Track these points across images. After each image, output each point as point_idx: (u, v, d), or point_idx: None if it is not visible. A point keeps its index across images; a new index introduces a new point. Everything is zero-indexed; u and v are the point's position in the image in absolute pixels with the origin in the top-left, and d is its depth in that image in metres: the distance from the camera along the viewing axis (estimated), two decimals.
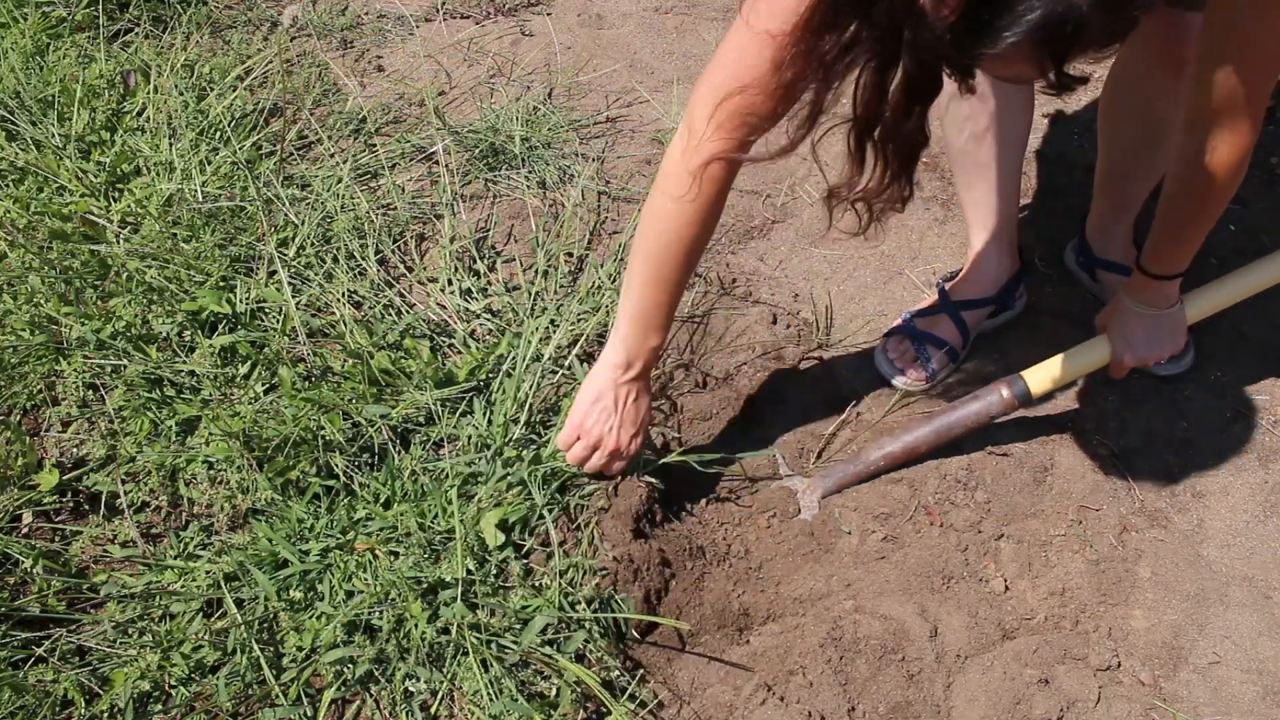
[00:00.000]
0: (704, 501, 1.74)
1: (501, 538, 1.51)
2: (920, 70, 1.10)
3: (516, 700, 1.39)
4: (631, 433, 1.58)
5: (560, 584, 1.49)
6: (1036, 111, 1.89)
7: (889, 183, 1.28)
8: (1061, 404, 1.88)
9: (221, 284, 1.89)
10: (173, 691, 1.43)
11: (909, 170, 1.28)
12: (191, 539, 1.60)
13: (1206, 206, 1.50)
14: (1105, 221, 1.98)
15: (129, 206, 2.03)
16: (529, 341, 1.77)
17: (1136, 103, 1.78)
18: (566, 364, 1.79)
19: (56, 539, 1.62)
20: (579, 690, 1.41)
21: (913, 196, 1.33)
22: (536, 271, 2.02)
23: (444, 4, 2.71)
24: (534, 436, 1.68)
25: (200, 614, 1.51)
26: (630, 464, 1.61)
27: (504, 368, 1.75)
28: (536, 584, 1.52)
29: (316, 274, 1.94)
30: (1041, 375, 1.71)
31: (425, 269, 2.03)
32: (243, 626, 1.45)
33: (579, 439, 1.57)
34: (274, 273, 1.91)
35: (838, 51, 1.11)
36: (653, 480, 1.64)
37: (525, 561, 1.53)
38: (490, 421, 1.68)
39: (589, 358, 1.88)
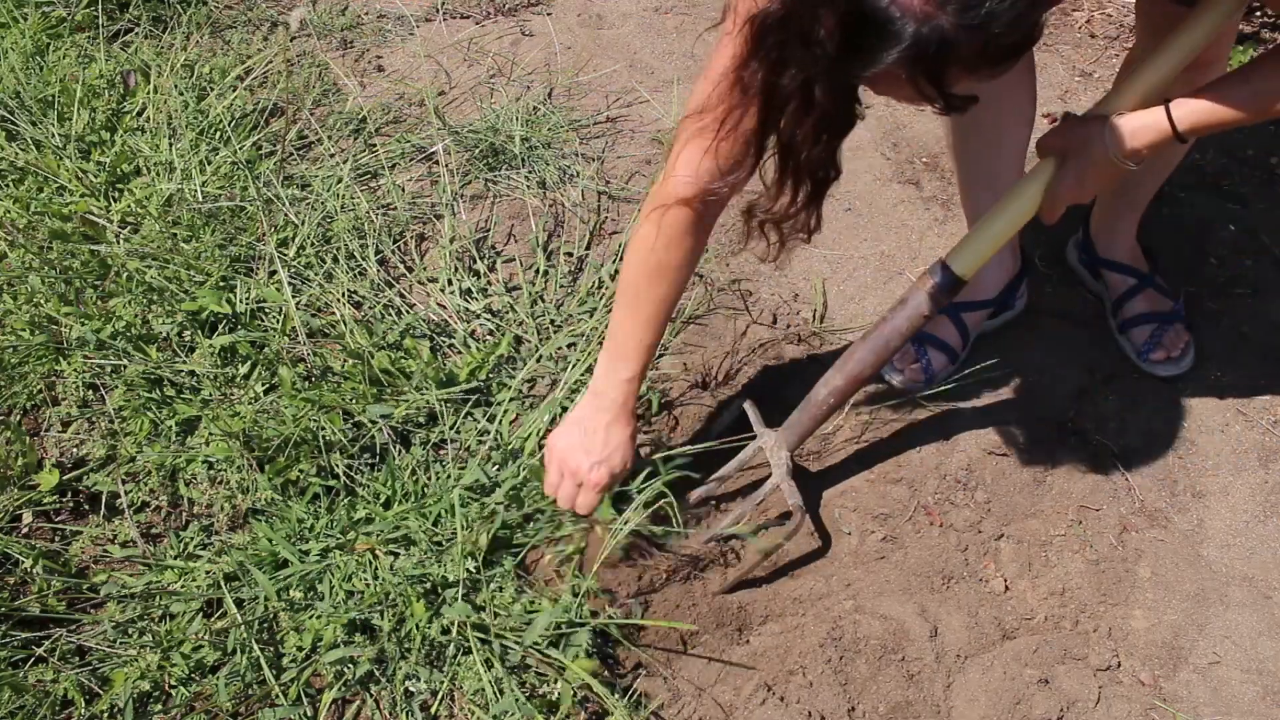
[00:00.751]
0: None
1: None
2: (828, 99, 1.13)
3: (518, 700, 1.39)
4: (595, 461, 1.49)
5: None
6: (1038, 111, 1.88)
7: (798, 210, 1.30)
8: (1061, 404, 1.88)
9: (221, 284, 1.89)
10: (173, 691, 1.43)
11: (816, 200, 1.31)
12: (191, 539, 1.60)
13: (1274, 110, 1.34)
14: (1111, 218, 1.98)
15: (129, 206, 2.03)
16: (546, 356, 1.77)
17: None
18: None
19: (56, 539, 1.62)
20: (580, 691, 1.41)
21: (819, 229, 1.35)
22: (536, 271, 2.02)
23: (444, 4, 2.71)
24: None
25: (200, 614, 1.51)
26: (600, 496, 1.52)
27: (520, 375, 1.74)
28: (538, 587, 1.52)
29: (316, 274, 1.94)
30: (965, 253, 1.51)
31: (425, 269, 2.03)
32: (243, 626, 1.45)
33: (554, 466, 1.53)
34: (274, 273, 1.91)
35: (760, 80, 1.15)
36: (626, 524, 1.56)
37: (525, 576, 1.54)
38: (498, 421, 1.68)
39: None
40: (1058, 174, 1.44)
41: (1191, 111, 1.36)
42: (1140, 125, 1.39)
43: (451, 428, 1.68)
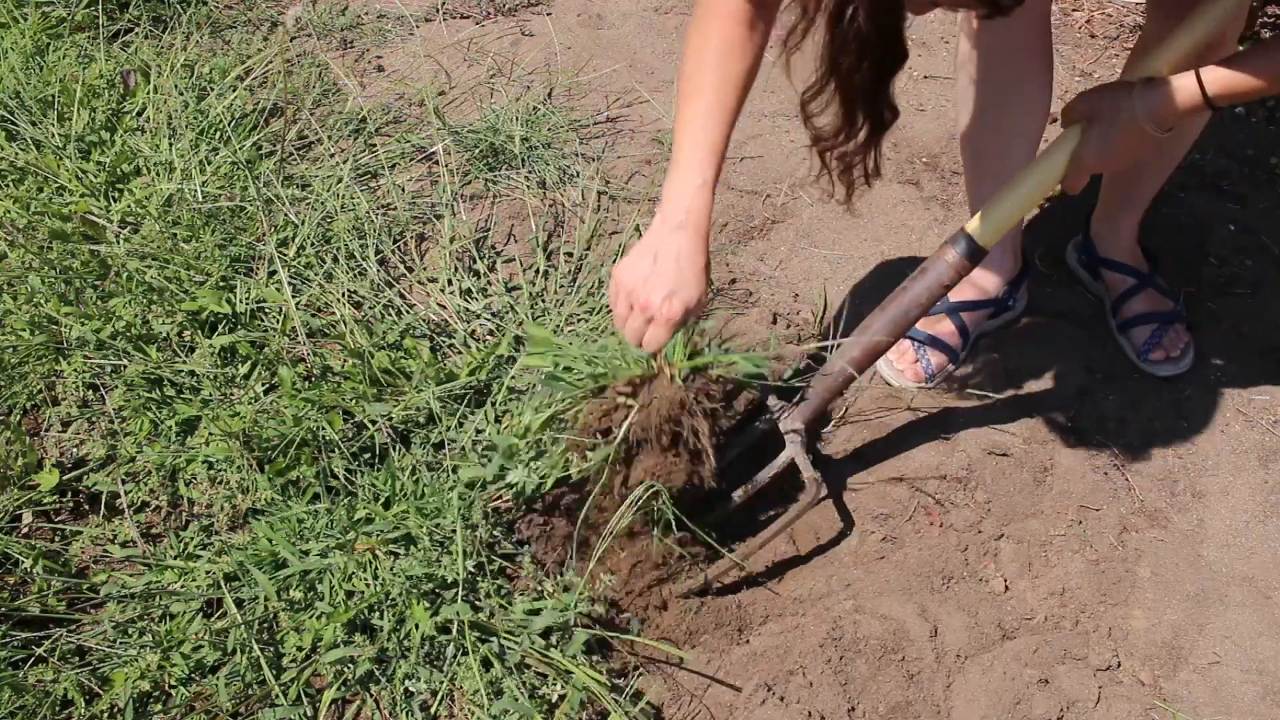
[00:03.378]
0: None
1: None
2: (871, 25, 1.12)
3: (517, 700, 1.39)
4: (664, 293, 1.34)
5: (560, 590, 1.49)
6: None
7: (857, 148, 1.29)
8: (1061, 404, 1.88)
9: (221, 284, 1.89)
10: (173, 691, 1.43)
11: (875, 140, 1.30)
12: (191, 539, 1.60)
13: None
14: (1112, 218, 1.97)
15: (129, 206, 2.03)
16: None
17: None
18: None
19: (56, 539, 1.62)
20: (581, 691, 1.41)
21: (879, 174, 1.33)
22: (536, 271, 2.02)
23: (444, 4, 2.71)
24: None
25: (200, 614, 1.51)
26: (672, 332, 1.37)
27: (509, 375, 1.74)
28: (539, 588, 1.52)
29: (316, 274, 1.94)
30: (987, 223, 1.46)
31: (425, 269, 2.03)
32: (243, 626, 1.45)
33: (622, 298, 1.39)
34: (274, 273, 1.91)
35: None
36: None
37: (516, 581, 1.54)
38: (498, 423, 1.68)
39: None
40: (1084, 140, 1.41)
41: (1221, 77, 1.32)
42: (1171, 90, 1.34)
43: (451, 428, 1.68)
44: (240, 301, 1.87)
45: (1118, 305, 1.98)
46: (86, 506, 1.67)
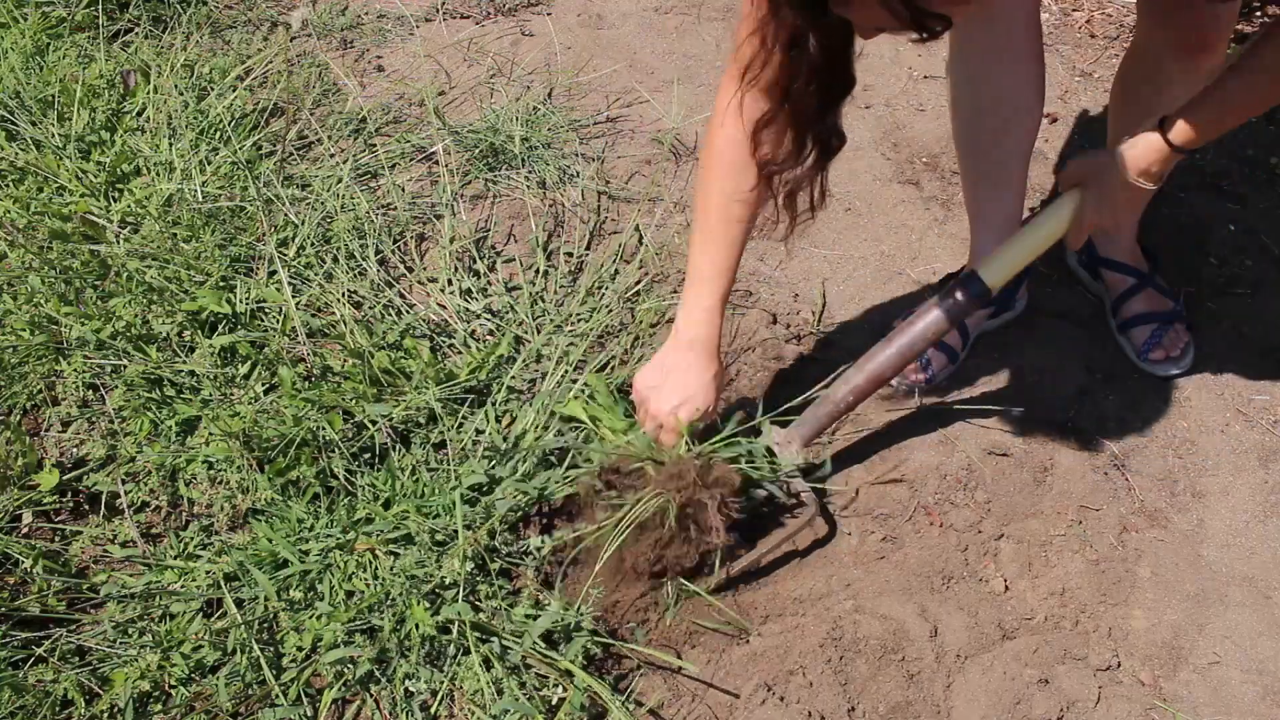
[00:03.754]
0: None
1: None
2: (820, 50, 1.17)
3: (518, 700, 1.38)
4: (673, 404, 1.50)
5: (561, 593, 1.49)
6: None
7: (804, 174, 1.34)
8: (1061, 404, 1.88)
9: (221, 284, 1.89)
10: (173, 691, 1.43)
11: (821, 166, 1.34)
12: (191, 539, 1.60)
13: (1266, 104, 1.42)
14: None
15: (129, 206, 2.03)
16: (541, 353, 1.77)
17: (1146, 90, 1.77)
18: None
19: (56, 539, 1.62)
20: (582, 692, 1.41)
21: (824, 204, 1.39)
22: (536, 271, 2.02)
23: (444, 4, 2.71)
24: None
25: (200, 614, 1.51)
26: (679, 438, 1.51)
27: (509, 374, 1.74)
28: (539, 590, 1.52)
29: (316, 274, 1.94)
30: (996, 265, 1.56)
31: (425, 269, 2.03)
32: (243, 626, 1.45)
33: (640, 406, 1.56)
34: (274, 273, 1.91)
35: (770, 31, 1.19)
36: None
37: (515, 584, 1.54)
38: (499, 421, 1.68)
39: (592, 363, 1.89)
40: (1083, 201, 1.52)
41: (1180, 128, 1.42)
42: (1141, 149, 1.46)
43: (451, 428, 1.68)
44: (240, 301, 1.87)
45: (1117, 305, 1.98)
46: (86, 506, 1.67)
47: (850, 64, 1.23)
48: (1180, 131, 1.43)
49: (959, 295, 1.55)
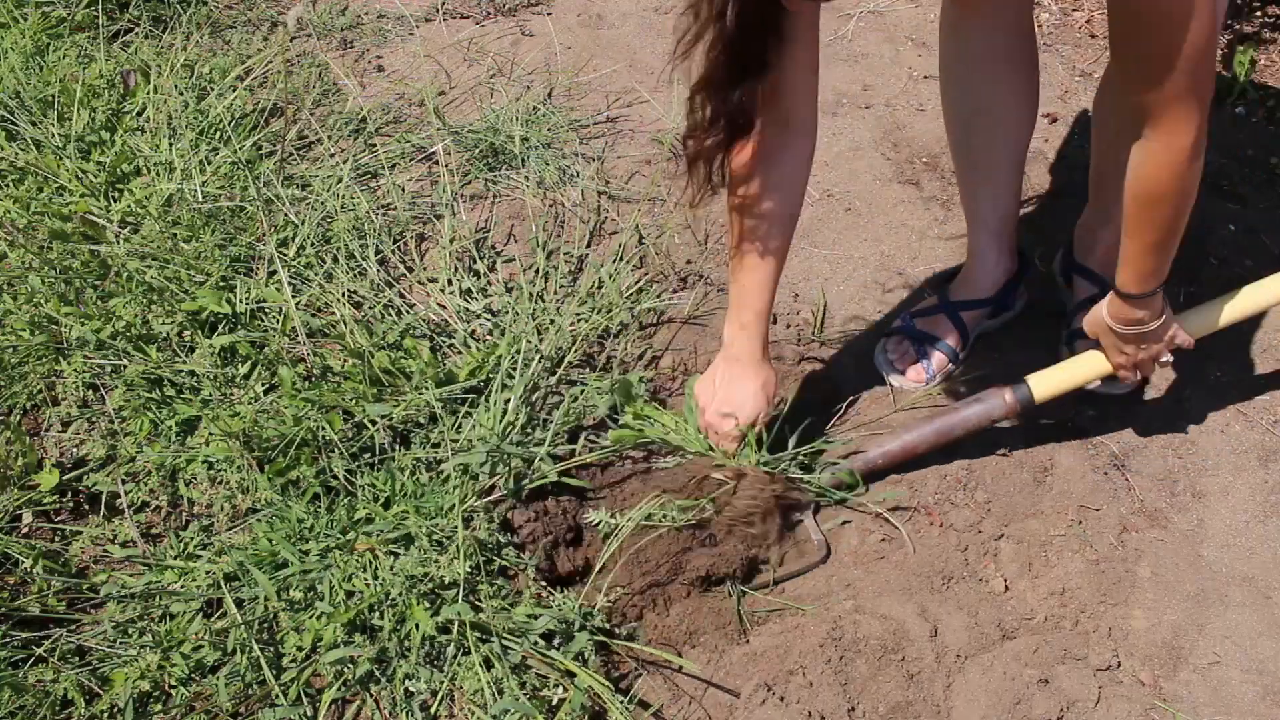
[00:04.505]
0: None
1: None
2: (734, 22, 1.20)
3: (518, 700, 1.38)
4: (724, 414, 1.60)
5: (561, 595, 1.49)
6: (1038, 111, 1.88)
7: (708, 149, 1.37)
8: (1061, 404, 1.88)
9: (221, 284, 1.89)
10: (173, 691, 1.43)
11: (724, 146, 1.38)
12: (191, 539, 1.60)
13: (1157, 217, 1.44)
14: (1092, 225, 1.93)
15: (129, 206, 2.03)
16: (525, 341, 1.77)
17: (1113, 122, 1.74)
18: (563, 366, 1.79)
19: (56, 539, 1.62)
20: (583, 693, 1.41)
21: (721, 185, 1.43)
22: (536, 271, 2.02)
23: (444, 4, 2.71)
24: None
25: (200, 614, 1.51)
26: (736, 446, 1.62)
27: (503, 368, 1.74)
28: (539, 589, 1.52)
29: (316, 274, 1.94)
30: (1046, 381, 1.69)
31: (425, 269, 2.03)
32: (243, 626, 1.45)
33: (699, 415, 1.66)
34: (274, 273, 1.91)
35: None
36: None
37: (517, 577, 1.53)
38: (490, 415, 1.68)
39: (588, 360, 1.89)
40: (1107, 353, 1.66)
41: (1123, 276, 1.53)
42: (1115, 308, 1.58)
43: (451, 428, 1.68)
44: (240, 301, 1.87)
45: (1074, 313, 1.92)
46: (86, 506, 1.67)
47: (765, 47, 1.27)
48: (1124, 279, 1.53)
49: (1006, 397, 1.68)
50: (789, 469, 1.66)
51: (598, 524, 1.58)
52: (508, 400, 1.68)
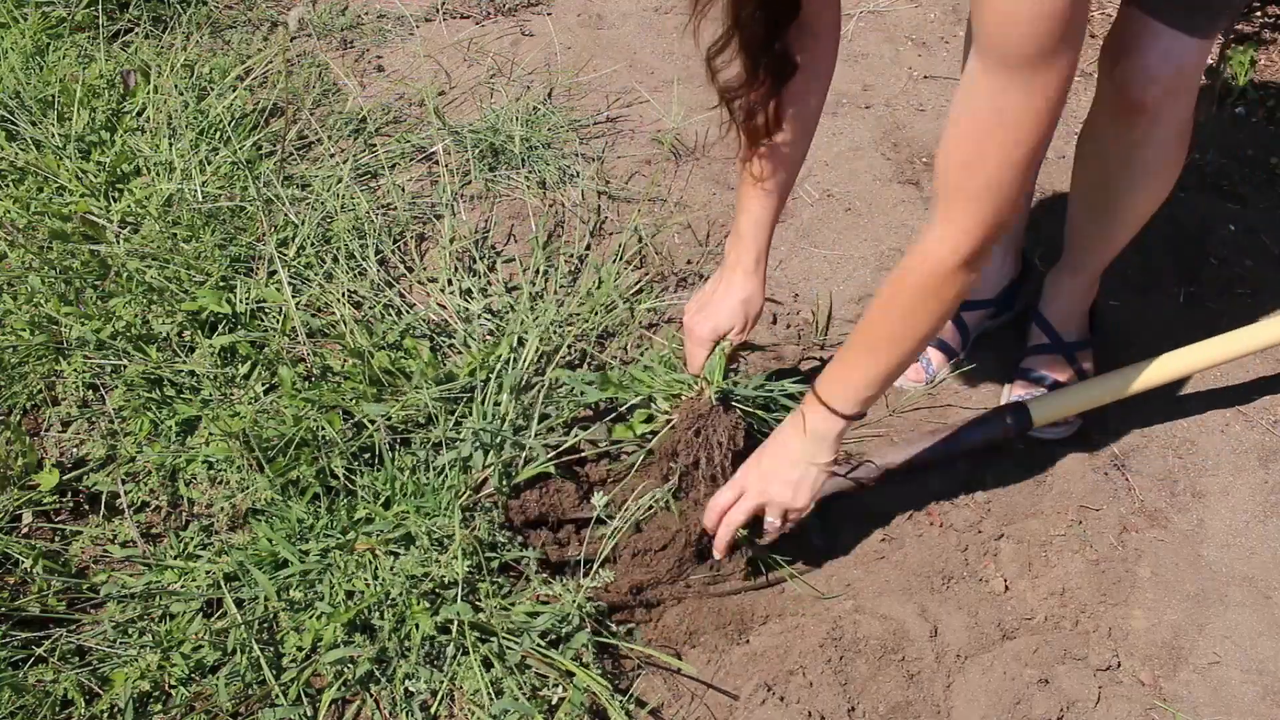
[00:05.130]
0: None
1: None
2: None
3: (517, 700, 1.38)
4: (694, 313, 1.58)
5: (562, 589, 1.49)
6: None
7: (757, 100, 1.36)
8: None
9: (221, 284, 1.89)
10: (173, 691, 1.43)
11: (774, 94, 1.36)
12: (191, 539, 1.60)
13: (887, 329, 1.30)
14: (1061, 272, 1.88)
15: (129, 206, 2.03)
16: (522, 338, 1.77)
17: (1091, 160, 1.68)
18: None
19: (56, 539, 1.62)
20: (583, 692, 1.41)
21: (780, 126, 1.41)
22: (536, 271, 2.02)
23: (444, 4, 2.71)
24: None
25: (200, 614, 1.51)
26: (701, 352, 1.56)
27: (497, 368, 1.74)
28: (540, 589, 1.52)
29: (316, 274, 1.94)
30: (1042, 410, 1.68)
31: (425, 269, 2.03)
32: (243, 626, 1.45)
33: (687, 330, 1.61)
34: (274, 273, 1.91)
35: None
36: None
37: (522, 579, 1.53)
38: (486, 414, 1.68)
39: (582, 357, 1.89)
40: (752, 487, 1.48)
41: (845, 400, 1.36)
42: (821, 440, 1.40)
43: (451, 428, 1.68)
44: (240, 301, 1.87)
45: (1023, 356, 1.90)
46: (86, 506, 1.67)
47: None
48: (825, 379, 1.36)
49: (1007, 419, 1.68)
50: (748, 403, 1.60)
51: (600, 508, 1.53)
52: (499, 394, 1.68)
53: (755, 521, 1.51)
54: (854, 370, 1.35)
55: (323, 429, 1.65)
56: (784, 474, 1.43)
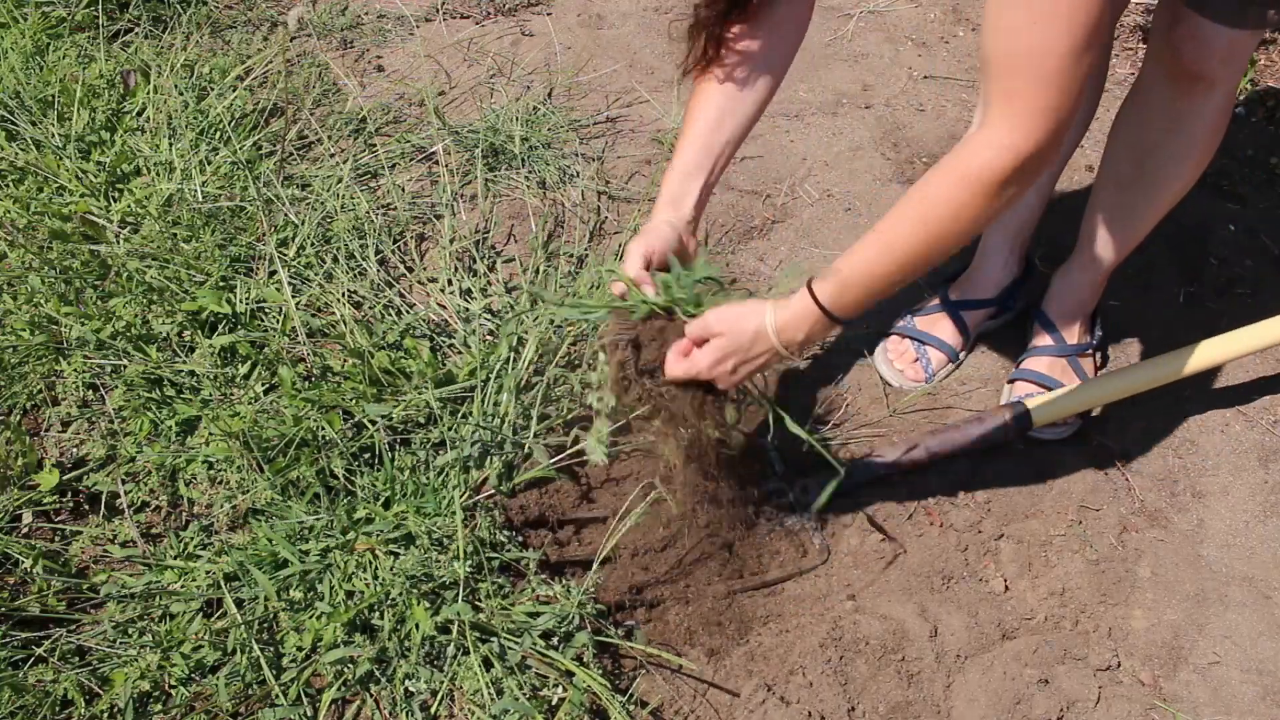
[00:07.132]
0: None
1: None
2: None
3: (517, 700, 1.39)
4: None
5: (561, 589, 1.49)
6: None
7: (718, 17, 1.36)
8: None
9: (221, 284, 1.89)
10: (173, 691, 1.43)
11: (732, 12, 1.37)
12: (191, 539, 1.60)
13: (909, 224, 1.20)
14: (1071, 269, 1.86)
15: (129, 206, 2.03)
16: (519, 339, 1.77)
17: (1133, 129, 1.65)
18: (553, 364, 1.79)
19: (56, 539, 1.62)
20: (583, 692, 1.41)
21: (720, 59, 1.41)
22: (536, 271, 2.02)
23: (444, 4, 2.71)
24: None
25: (200, 614, 1.51)
26: (627, 261, 1.44)
27: (499, 366, 1.74)
28: (540, 589, 1.52)
29: (316, 274, 1.94)
30: (1043, 411, 1.71)
31: (425, 269, 2.03)
32: (243, 626, 1.45)
33: None
34: (274, 273, 1.91)
35: None
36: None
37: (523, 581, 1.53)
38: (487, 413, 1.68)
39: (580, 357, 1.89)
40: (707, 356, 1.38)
41: (832, 290, 1.25)
42: (792, 313, 1.30)
43: (451, 428, 1.68)
44: (240, 301, 1.87)
45: (1025, 356, 1.89)
46: (86, 506, 1.67)
47: None
48: (831, 289, 1.25)
49: (1008, 416, 1.72)
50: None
51: (600, 456, 1.46)
52: (499, 394, 1.68)
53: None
54: (857, 264, 1.23)
55: (323, 429, 1.65)
56: (747, 324, 1.33)
